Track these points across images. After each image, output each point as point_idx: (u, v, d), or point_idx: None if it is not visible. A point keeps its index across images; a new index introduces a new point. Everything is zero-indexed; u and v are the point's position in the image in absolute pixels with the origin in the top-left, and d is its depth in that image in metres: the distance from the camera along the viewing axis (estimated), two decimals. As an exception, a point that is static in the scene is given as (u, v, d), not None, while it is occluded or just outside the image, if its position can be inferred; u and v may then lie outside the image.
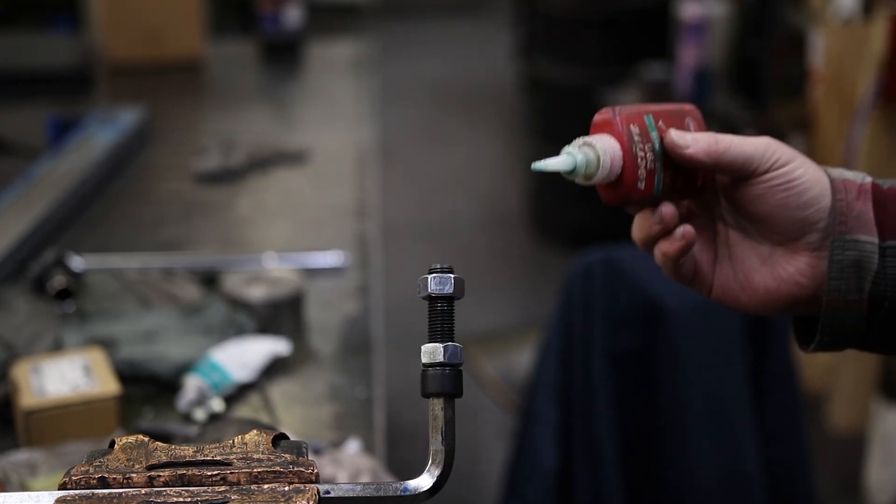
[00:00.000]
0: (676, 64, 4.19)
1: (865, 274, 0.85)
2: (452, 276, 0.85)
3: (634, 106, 0.91)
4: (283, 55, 3.20)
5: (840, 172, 0.89)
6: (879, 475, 2.98)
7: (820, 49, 3.39)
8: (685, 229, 0.91)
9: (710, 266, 0.94)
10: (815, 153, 3.48)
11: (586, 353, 2.00)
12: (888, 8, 3.10)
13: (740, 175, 0.89)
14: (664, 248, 0.92)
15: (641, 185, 0.89)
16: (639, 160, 0.89)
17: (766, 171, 0.87)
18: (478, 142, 5.99)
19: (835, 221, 0.85)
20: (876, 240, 0.85)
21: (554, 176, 0.89)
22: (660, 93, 4.24)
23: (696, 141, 0.88)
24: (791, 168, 0.87)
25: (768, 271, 0.91)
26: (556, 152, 0.89)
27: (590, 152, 0.88)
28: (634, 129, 0.89)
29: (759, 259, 0.92)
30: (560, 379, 2.04)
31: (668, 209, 0.91)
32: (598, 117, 0.90)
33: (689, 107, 0.94)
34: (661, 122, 0.90)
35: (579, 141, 0.89)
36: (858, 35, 3.20)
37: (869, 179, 0.88)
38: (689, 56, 4.08)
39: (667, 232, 0.91)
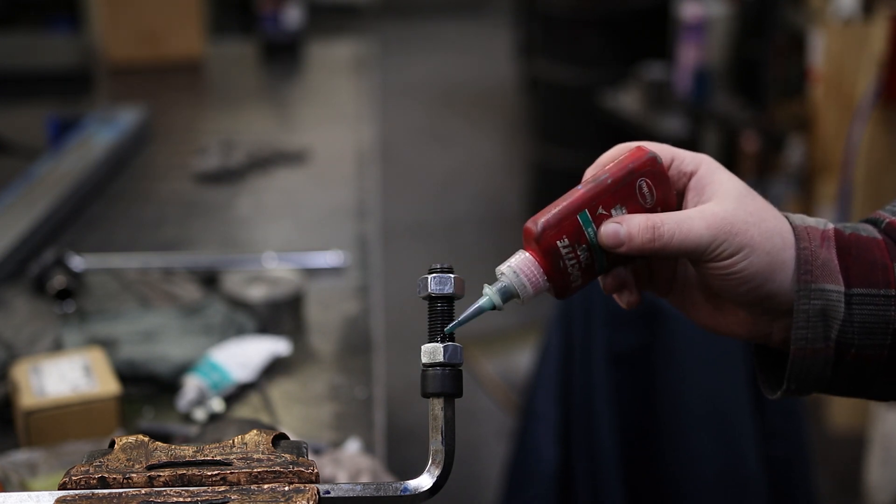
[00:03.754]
0: (676, 64, 4.19)
1: (832, 322, 0.84)
2: (452, 276, 0.85)
3: (570, 202, 0.87)
4: (283, 55, 3.20)
5: (802, 219, 0.87)
6: (879, 475, 2.98)
7: (820, 49, 3.39)
8: (629, 300, 0.93)
9: (666, 283, 0.95)
10: (815, 153, 3.48)
11: (586, 352, 2.00)
12: (888, 8, 3.10)
13: (684, 258, 0.89)
14: (615, 297, 0.94)
15: (578, 283, 0.88)
16: (569, 269, 0.87)
17: (708, 261, 0.86)
18: (478, 142, 5.99)
19: (800, 270, 0.84)
20: (842, 288, 0.84)
21: (553, 175, 0.89)
22: (660, 93, 4.24)
23: (630, 238, 0.86)
24: (733, 262, 0.85)
25: (709, 311, 0.92)
26: (556, 153, 0.89)
27: (506, 284, 0.87)
28: (562, 242, 0.86)
29: (704, 297, 0.92)
30: (560, 379, 2.04)
31: (608, 285, 0.92)
32: (526, 227, 0.88)
33: (643, 160, 0.88)
34: (600, 209, 0.87)
35: (498, 270, 0.88)
36: (858, 35, 3.20)
37: (831, 226, 0.87)
38: (689, 56, 4.09)
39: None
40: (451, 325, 0.85)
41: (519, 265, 0.87)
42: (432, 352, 0.84)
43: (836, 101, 3.33)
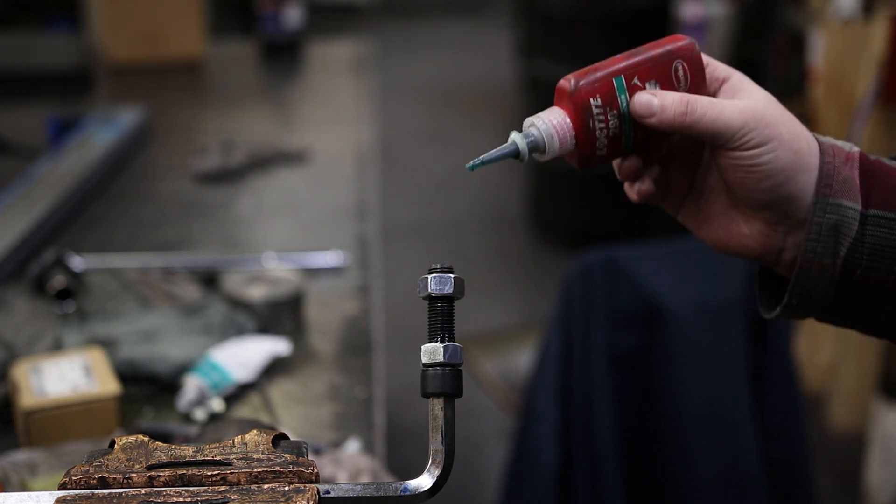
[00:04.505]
0: (676, 64, 4.19)
1: (843, 239, 0.84)
2: (452, 275, 0.85)
3: (606, 66, 0.87)
4: (283, 55, 3.20)
5: (830, 140, 0.88)
6: (879, 475, 2.98)
7: (820, 49, 3.40)
8: (640, 188, 0.92)
9: (682, 194, 0.94)
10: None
11: (586, 353, 2.00)
12: (888, 8, 3.10)
13: (711, 143, 0.88)
14: (626, 188, 0.94)
15: (602, 152, 0.88)
16: (597, 132, 0.87)
17: (734, 149, 0.85)
18: (478, 142, 5.99)
19: (820, 183, 0.85)
20: (859, 206, 0.84)
21: (553, 175, 0.89)
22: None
23: (662, 110, 0.86)
24: (759, 152, 0.85)
25: (724, 223, 0.92)
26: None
27: (535, 134, 0.87)
28: (595, 101, 0.86)
29: (720, 208, 0.92)
30: (560, 379, 2.04)
31: (624, 169, 0.91)
32: (559, 85, 0.87)
33: (682, 44, 0.89)
34: (636, 80, 0.87)
35: (528, 121, 0.88)
36: (858, 35, 3.20)
37: (857, 149, 0.87)
38: (689, 56, 4.08)
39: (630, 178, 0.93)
40: (474, 162, 0.86)
41: (549, 117, 0.87)
42: (432, 352, 0.84)
43: (836, 101, 3.33)
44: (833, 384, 3.32)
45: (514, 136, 0.87)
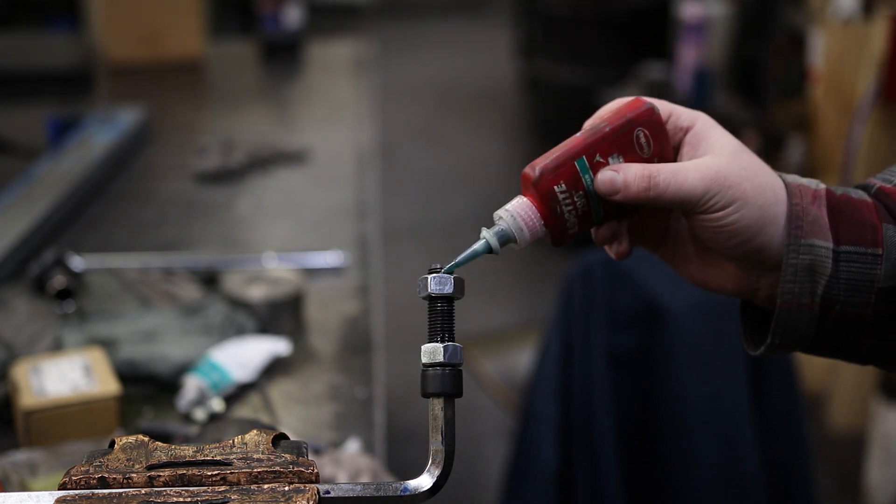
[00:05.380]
0: (676, 64, 4.19)
1: (819, 278, 0.86)
2: (452, 276, 0.85)
3: (569, 149, 0.88)
4: (283, 55, 3.20)
5: (795, 178, 0.89)
6: (879, 475, 2.98)
7: (820, 49, 3.39)
8: (618, 250, 0.94)
9: (659, 238, 0.96)
10: (815, 153, 3.48)
11: (586, 353, 2.00)
12: (888, 8, 3.10)
13: (677, 209, 0.91)
14: (605, 249, 0.96)
15: (574, 230, 0.89)
16: (566, 214, 0.88)
17: (700, 213, 0.87)
18: (478, 142, 5.99)
19: (791, 225, 0.86)
20: (830, 244, 0.86)
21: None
22: (660, 93, 4.24)
23: (626, 186, 0.87)
24: (725, 214, 0.86)
25: (700, 265, 0.94)
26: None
27: (504, 228, 0.88)
28: (559, 187, 0.87)
29: (695, 251, 0.94)
30: (560, 379, 2.04)
31: (600, 236, 0.93)
32: (524, 172, 0.88)
33: (641, 111, 0.89)
34: (598, 157, 0.88)
35: (497, 214, 0.89)
36: (858, 35, 3.20)
37: (823, 186, 0.89)
38: (689, 56, 4.09)
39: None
40: (449, 265, 0.86)
41: (516, 209, 0.88)
42: (432, 352, 0.84)
43: (836, 101, 3.33)
44: (833, 384, 3.32)
45: (485, 233, 0.88)
